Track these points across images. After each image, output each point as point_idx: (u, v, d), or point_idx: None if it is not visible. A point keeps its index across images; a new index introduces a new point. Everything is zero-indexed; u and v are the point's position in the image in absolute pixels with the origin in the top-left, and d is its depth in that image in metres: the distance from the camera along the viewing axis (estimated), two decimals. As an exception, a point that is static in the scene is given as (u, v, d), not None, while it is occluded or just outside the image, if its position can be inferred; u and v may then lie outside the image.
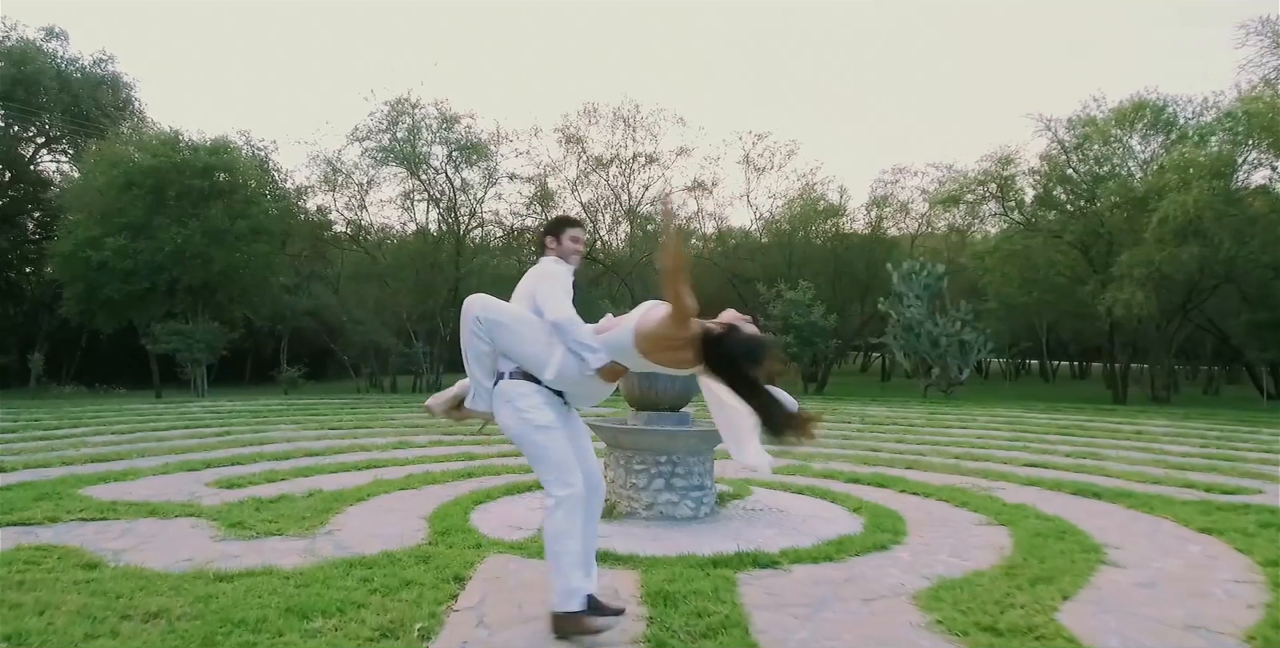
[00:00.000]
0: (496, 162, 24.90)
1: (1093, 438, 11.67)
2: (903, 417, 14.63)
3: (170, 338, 20.20)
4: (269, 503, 6.15)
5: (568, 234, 3.76)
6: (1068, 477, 7.90)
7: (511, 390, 3.51)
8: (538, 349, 3.46)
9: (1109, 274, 20.43)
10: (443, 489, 6.92)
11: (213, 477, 7.36)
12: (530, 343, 3.47)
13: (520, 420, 3.48)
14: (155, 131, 22.72)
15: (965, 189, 24.84)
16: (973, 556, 4.94)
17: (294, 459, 8.51)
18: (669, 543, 5.05)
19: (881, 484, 7.30)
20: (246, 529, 5.31)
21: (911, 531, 5.51)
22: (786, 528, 5.54)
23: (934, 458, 9.20)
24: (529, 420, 3.47)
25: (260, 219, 21.96)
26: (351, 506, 6.17)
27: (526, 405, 3.49)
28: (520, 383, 3.52)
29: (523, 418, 3.48)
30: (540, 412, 3.49)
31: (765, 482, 7.26)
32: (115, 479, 7.16)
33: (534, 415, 3.48)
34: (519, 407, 3.49)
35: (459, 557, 4.67)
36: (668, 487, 5.68)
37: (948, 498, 6.69)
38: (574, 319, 3.48)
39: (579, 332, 3.45)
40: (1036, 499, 6.72)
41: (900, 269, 21.80)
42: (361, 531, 5.38)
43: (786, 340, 21.50)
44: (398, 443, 9.93)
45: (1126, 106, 22.48)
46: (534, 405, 3.50)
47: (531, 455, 3.51)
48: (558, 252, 3.75)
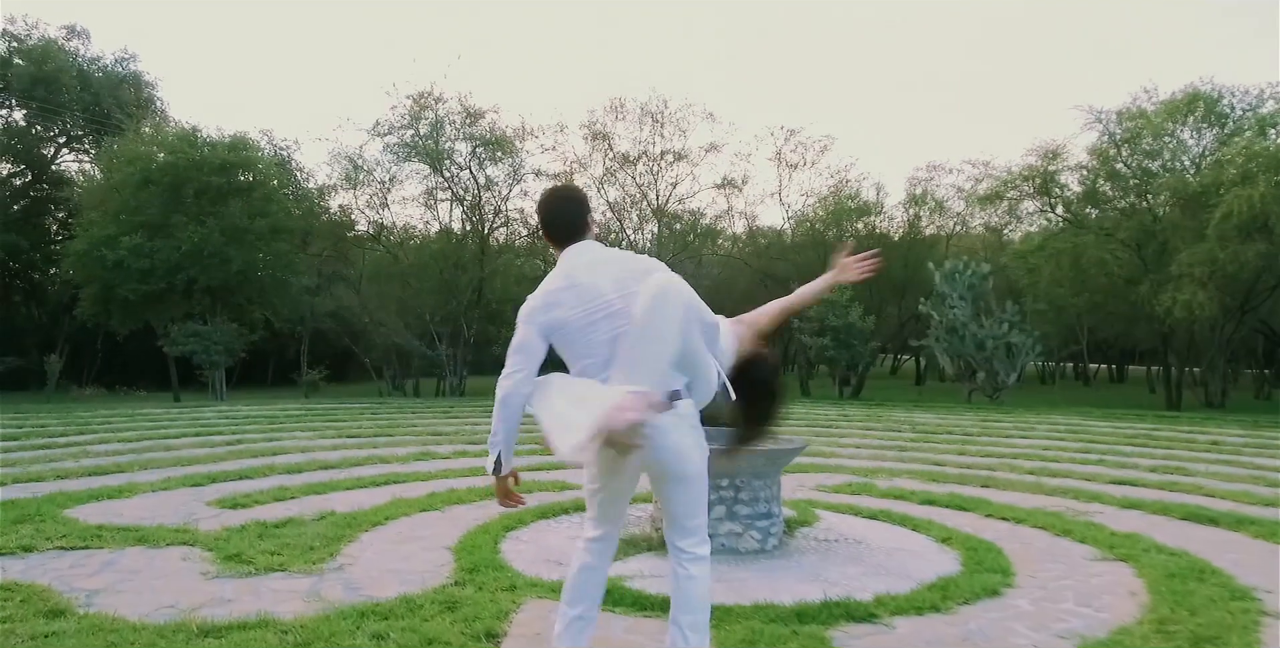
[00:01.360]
0: (522, 158, 24.21)
1: (1169, 450, 10.74)
2: (955, 424, 13.74)
3: (187, 340, 19.65)
4: (274, 528, 5.43)
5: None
6: (1167, 497, 7.02)
7: (694, 413, 2.80)
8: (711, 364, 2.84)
9: (1166, 274, 19.37)
10: (468, 511, 6.17)
11: (216, 494, 6.65)
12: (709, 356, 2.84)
13: (704, 455, 2.81)
14: (174, 129, 22.25)
15: (1009, 186, 23.82)
16: (1105, 604, 4.11)
17: (307, 473, 7.80)
18: (739, 587, 4.26)
19: (962, 507, 6.46)
20: (244, 563, 4.59)
21: (1019, 569, 4.68)
22: (871, 565, 4.74)
23: (1007, 474, 8.34)
24: (708, 452, 2.85)
25: (280, 217, 21.41)
26: (366, 531, 5.43)
27: (704, 439, 2.84)
28: (693, 403, 2.81)
29: (705, 449, 2.82)
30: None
31: (832, 505, 6.44)
32: (109, 496, 6.48)
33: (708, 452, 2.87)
34: (701, 435, 2.82)
35: (491, 603, 3.91)
36: (729, 515, 4.89)
37: (1044, 525, 5.85)
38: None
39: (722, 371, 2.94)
40: (1146, 527, 5.87)
41: (943, 269, 20.86)
42: (377, 565, 4.64)
43: (824, 343, 20.64)
44: (419, 454, 9.20)
45: (1179, 98, 21.38)
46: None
47: (702, 496, 2.87)
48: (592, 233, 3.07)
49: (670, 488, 2.84)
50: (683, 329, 2.61)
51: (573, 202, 3.00)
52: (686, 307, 2.63)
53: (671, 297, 2.62)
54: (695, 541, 2.85)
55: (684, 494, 2.83)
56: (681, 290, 2.65)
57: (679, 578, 2.82)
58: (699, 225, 27.60)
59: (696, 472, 2.79)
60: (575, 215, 2.95)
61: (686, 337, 2.63)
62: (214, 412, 14.46)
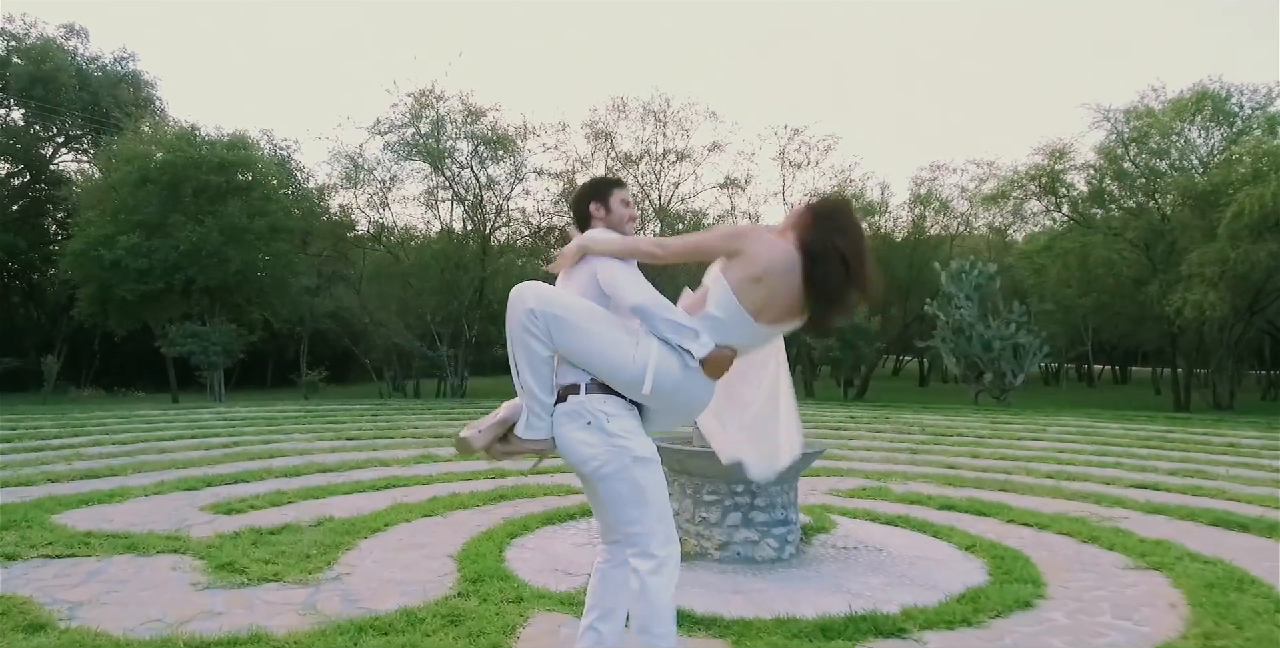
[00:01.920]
0: (523, 157, 23.99)
1: (1185, 452, 10.52)
2: (964, 426, 13.51)
3: (185, 340, 19.40)
4: (269, 535, 5.22)
5: (616, 197, 2.87)
6: (1191, 502, 6.80)
7: (595, 408, 2.57)
8: (620, 351, 2.51)
9: (1176, 274, 19.14)
10: (471, 516, 5.96)
11: (210, 499, 6.44)
12: (608, 342, 2.52)
13: (614, 450, 2.54)
14: (173, 127, 22.04)
15: (1015, 185, 23.58)
16: (1144, 617, 3.90)
17: (304, 477, 7.59)
18: (757, 598, 4.04)
19: (982, 512, 6.24)
20: (237, 572, 4.37)
21: (1050, 579, 4.46)
22: (894, 575, 4.52)
23: (1024, 477, 8.13)
24: (626, 449, 2.54)
25: (279, 217, 21.18)
26: (365, 539, 5.22)
27: (621, 429, 2.56)
28: (609, 399, 2.58)
29: (616, 446, 2.54)
30: (640, 439, 2.59)
31: (848, 510, 6.23)
32: (100, 501, 6.27)
33: (633, 443, 2.56)
34: (611, 431, 2.55)
35: (496, 616, 3.70)
36: (745, 522, 4.68)
37: (1069, 531, 5.63)
38: (660, 300, 2.57)
39: (670, 312, 2.55)
40: (1175, 533, 5.65)
41: (949, 268, 20.62)
42: (376, 575, 4.42)
43: (829, 343, 20.40)
44: (420, 456, 8.98)
45: (1187, 97, 21.15)
46: (630, 430, 2.58)
47: (625, 499, 2.57)
48: (607, 221, 2.84)
49: (587, 490, 2.74)
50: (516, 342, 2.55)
51: (575, 194, 2.98)
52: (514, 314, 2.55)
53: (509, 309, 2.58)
54: (635, 552, 2.58)
55: (596, 496, 2.67)
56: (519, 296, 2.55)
57: (631, 593, 2.61)
58: (702, 225, 27.36)
59: (597, 471, 2.55)
60: (575, 206, 2.93)
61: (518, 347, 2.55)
62: (211, 413, 14.25)
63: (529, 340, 2.53)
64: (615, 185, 2.91)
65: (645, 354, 2.50)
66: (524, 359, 2.56)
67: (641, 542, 2.55)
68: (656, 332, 2.53)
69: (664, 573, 2.53)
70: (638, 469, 2.54)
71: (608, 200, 2.85)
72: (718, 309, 2.56)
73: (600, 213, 2.84)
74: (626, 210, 2.85)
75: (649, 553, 2.53)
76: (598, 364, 2.55)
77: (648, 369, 2.49)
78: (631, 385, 2.55)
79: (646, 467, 2.56)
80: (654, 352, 2.51)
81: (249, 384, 29.58)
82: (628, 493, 2.55)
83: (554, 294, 2.59)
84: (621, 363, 2.51)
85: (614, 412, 2.57)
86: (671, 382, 2.53)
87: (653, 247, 2.69)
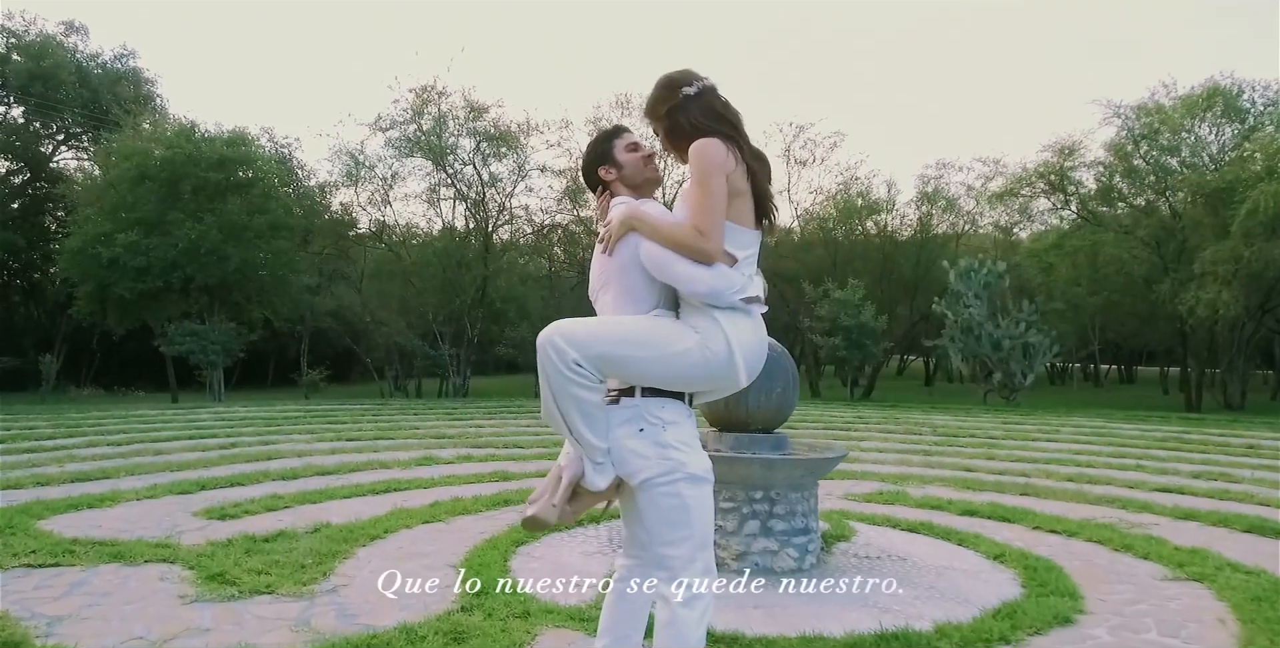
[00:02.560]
0: (526, 154, 23.74)
1: (1205, 454, 10.28)
2: (976, 427, 13.26)
3: (184, 339, 19.16)
4: (263, 542, 4.98)
5: (620, 150, 2.50)
6: (1222, 507, 6.56)
7: (653, 414, 2.27)
8: (689, 359, 2.22)
9: (1189, 272, 18.87)
10: (475, 522, 5.73)
11: (203, 503, 6.20)
12: (672, 354, 2.22)
13: (666, 462, 2.23)
14: (173, 124, 21.81)
15: (1023, 183, 23.32)
16: (1193, 634, 3.65)
17: (302, 480, 7.35)
18: (780, 614, 3.80)
19: (1006, 518, 6.00)
20: (228, 584, 4.13)
21: (1086, 591, 4.22)
22: (922, 586, 4.27)
23: (1045, 481, 7.88)
24: (680, 464, 2.24)
25: (280, 215, 20.95)
26: (364, 546, 4.98)
27: (677, 440, 2.26)
28: (667, 403, 2.29)
29: (670, 459, 2.23)
30: (697, 453, 2.30)
31: (866, 516, 5.98)
32: (89, 505, 6.04)
33: (689, 457, 2.26)
34: (666, 441, 2.25)
35: (503, 634, 3.46)
36: (764, 531, 4.43)
37: (1099, 539, 5.39)
38: (721, 275, 2.24)
39: (731, 277, 2.25)
40: (1209, 540, 5.41)
41: (957, 267, 20.36)
42: (374, 587, 4.18)
43: (835, 343, 20.15)
44: (421, 458, 8.74)
45: (1198, 93, 20.88)
46: (688, 441, 2.29)
47: (668, 518, 2.24)
48: (624, 180, 2.50)
49: (622, 497, 2.40)
50: (564, 395, 2.19)
51: (582, 164, 2.64)
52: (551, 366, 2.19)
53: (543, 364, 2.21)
54: (667, 577, 2.26)
55: (633, 507, 2.33)
56: (552, 345, 2.19)
57: (656, 621, 2.30)
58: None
59: (643, 483, 2.24)
60: (585, 178, 2.61)
61: (566, 400, 2.20)
62: (210, 413, 14.02)
63: (578, 392, 2.19)
64: (613, 137, 2.55)
65: (720, 346, 2.21)
66: (576, 413, 2.21)
67: (677, 568, 2.24)
68: (722, 303, 2.25)
69: (697, 606, 2.23)
70: (688, 488, 2.24)
71: (613, 157, 2.51)
72: (735, 248, 2.30)
73: (612, 174, 2.51)
74: (637, 155, 2.51)
75: (684, 582, 2.24)
76: (676, 383, 2.27)
77: (736, 360, 2.22)
78: (724, 385, 2.30)
79: (698, 486, 2.27)
80: (728, 336, 2.22)
81: (250, 384, 29.36)
82: (672, 512, 2.23)
83: (585, 332, 2.23)
84: (701, 372, 2.24)
85: (672, 419, 2.29)
86: (756, 351, 2.27)
87: (699, 242, 2.25)
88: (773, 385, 4.43)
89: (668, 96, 2.39)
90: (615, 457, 2.27)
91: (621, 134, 2.55)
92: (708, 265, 2.23)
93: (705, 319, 2.25)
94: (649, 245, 2.27)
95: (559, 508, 2.24)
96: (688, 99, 2.37)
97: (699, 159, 2.24)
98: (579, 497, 2.28)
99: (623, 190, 2.51)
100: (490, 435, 11.17)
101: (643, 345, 2.21)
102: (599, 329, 2.24)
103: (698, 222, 2.23)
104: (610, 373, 2.22)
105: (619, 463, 2.27)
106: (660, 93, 2.42)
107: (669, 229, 2.26)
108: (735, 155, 2.30)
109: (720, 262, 2.25)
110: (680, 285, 2.25)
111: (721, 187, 2.25)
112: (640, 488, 2.26)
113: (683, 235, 2.23)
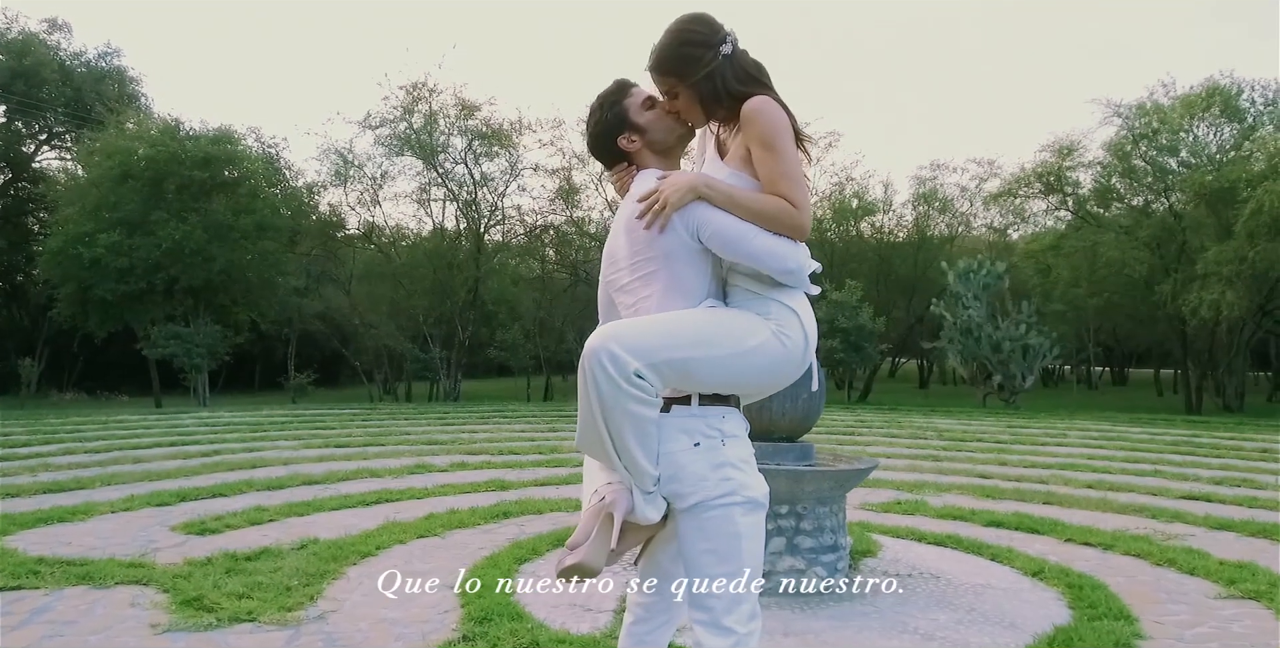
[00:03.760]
0: (519, 153, 23.37)
1: (1222, 458, 10.01)
2: (981, 431, 12.98)
3: (168, 342, 18.70)
4: (245, 561, 4.61)
5: (634, 110, 2.01)
6: (1256, 516, 6.25)
7: (714, 425, 1.88)
8: (766, 353, 1.85)
9: (1191, 272, 18.66)
10: (473, 536, 5.38)
11: (182, 516, 5.83)
12: (747, 348, 1.84)
13: (723, 484, 1.83)
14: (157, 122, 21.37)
15: (1020, 183, 23.10)
16: (1266, 663, 3.34)
17: (288, 490, 6.97)
18: (813, 642, 3.47)
19: (1034, 530, 5.69)
20: (205, 610, 3.77)
21: (1139, 612, 3.90)
22: (962, 608, 3.94)
23: (1064, 488, 7.58)
24: (738, 486, 1.84)
25: (266, 215, 20.51)
26: (354, 565, 4.62)
27: (737, 457, 1.86)
28: (729, 413, 1.90)
29: (727, 480, 1.83)
30: (755, 474, 1.89)
31: (888, 528, 5.65)
32: (59, 519, 5.66)
33: (749, 479, 1.86)
34: (725, 459, 1.84)
35: (509, 668, 3.11)
36: (790, 548, 4.09)
37: (1137, 552, 5.08)
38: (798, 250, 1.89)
39: (802, 253, 1.90)
40: (1252, 553, 5.10)
41: (956, 268, 20.10)
42: (366, 612, 3.83)
43: (833, 345, 19.84)
44: (413, 466, 8.37)
45: (1197, 93, 20.69)
46: (747, 459, 1.89)
47: (715, 551, 1.82)
48: (650, 145, 2.03)
49: (669, 525, 1.94)
50: (620, 411, 1.77)
51: (592, 139, 2.11)
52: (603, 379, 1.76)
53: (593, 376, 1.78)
54: (706, 620, 1.83)
55: (669, 535, 1.96)
56: (603, 354, 1.76)
57: None
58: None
59: (692, 508, 1.83)
60: (602, 153, 2.11)
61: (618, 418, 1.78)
62: (194, 418, 13.59)
63: (635, 408, 1.78)
64: (622, 97, 2.04)
65: (797, 334, 1.87)
66: (632, 433, 1.80)
67: (719, 610, 1.82)
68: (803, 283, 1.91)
69: None
70: (743, 516, 1.84)
71: (630, 121, 2.02)
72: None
73: (636, 142, 2.03)
74: (655, 113, 2.02)
75: (725, 627, 1.82)
76: (742, 385, 1.92)
77: (810, 350, 1.89)
78: (789, 382, 1.96)
79: (753, 514, 1.87)
80: (803, 322, 1.88)
81: (235, 387, 28.86)
82: (721, 545, 1.82)
83: (647, 337, 1.81)
84: (778, 368, 1.89)
85: (732, 431, 1.90)
86: (814, 332, 1.94)
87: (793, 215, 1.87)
88: (799, 390, 4.09)
89: (701, 57, 1.92)
90: (665, 473, 1.87)
91: (630, 91, 2.04)
92: (793, 241, 1.88)
93: (772, 305, 1.88)
94: (719, 217, 1.86)
95: (604, 552, 1.83)
96: (725, 60, 1.94)
97: (766, 120, 1.87)
98: (626, 533, 1.88)
99: (650, 160, 2.04)
100: (484, 441, 10.80)
101: (714, 344, 1.82)
102: (661, 331, 1.83)
103: (785, 191, 1.85)
104: (674, 382, 1.83)
105: (665, 481, 1.86)
106: (688, 51, 1.94)
107: (751, 200, 1.87)
108: None
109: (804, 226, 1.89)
110: (760, 263, 1.86)
111: (794, 150, 1.89)
112: (688, 513, 1.85)
113: (775, 208, 1.85)
